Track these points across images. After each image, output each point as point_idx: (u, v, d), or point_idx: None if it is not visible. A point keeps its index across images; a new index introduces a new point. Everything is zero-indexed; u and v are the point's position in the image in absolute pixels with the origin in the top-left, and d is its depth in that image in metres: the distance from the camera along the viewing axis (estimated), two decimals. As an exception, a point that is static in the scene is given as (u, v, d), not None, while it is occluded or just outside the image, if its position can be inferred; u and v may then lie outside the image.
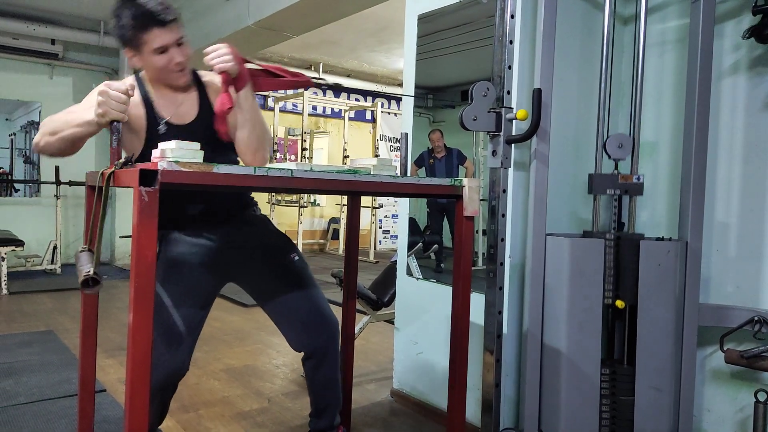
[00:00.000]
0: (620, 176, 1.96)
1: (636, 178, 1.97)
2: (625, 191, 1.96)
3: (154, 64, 1.61)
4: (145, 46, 1.58)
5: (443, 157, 2.65)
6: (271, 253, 1.83)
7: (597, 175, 1.99)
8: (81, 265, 1.31)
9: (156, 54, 1.59)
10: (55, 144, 1.51)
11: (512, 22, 2.00)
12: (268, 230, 1.88)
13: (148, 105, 1.67)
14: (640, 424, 1.91)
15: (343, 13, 4.23)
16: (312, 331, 1.78)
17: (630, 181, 1.96)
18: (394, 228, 9.40)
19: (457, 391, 1.64)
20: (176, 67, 1.63)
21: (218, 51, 1.52)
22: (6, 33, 5.94)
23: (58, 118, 1.53)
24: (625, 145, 1.97)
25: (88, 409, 1.60)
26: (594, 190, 1.98)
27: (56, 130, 1.50)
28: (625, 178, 1.96)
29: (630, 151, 1.99)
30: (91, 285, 1.26)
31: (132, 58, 1.65)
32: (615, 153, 1.97)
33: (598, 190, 1.97)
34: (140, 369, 1.13)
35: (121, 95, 1.34)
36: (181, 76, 1.66)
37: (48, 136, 1.52)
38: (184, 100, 1.72)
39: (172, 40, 1.60)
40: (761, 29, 1.81)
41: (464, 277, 1.62)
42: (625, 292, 1.92)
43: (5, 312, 4.34)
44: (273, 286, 1.80)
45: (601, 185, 1.97)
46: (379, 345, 3.66)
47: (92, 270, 1.27)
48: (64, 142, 1.50)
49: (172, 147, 1.16)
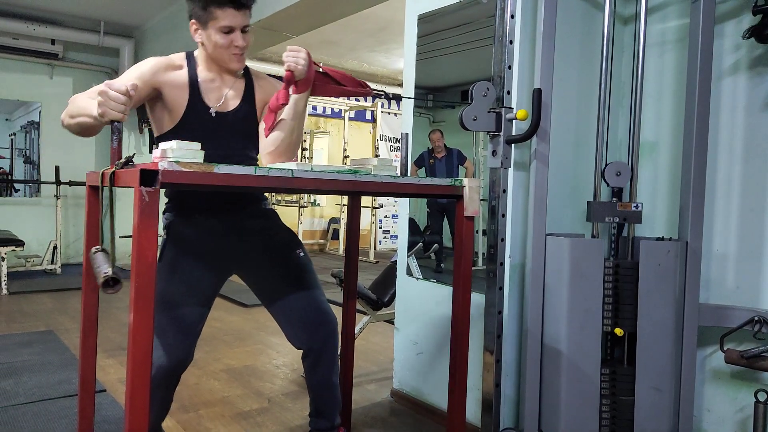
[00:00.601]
0: (619, 204, 1.96)
1: (635, 206, 1.96)
2: (624, 219, 1.96)
3: (216, 41, 1.64)
4: (213, 21, 1.62)
5: (443, 157, 2.65)
6: (276, 247, 1.84)
7: (596, 203, 1.98)
8: (98, 266, 1.30)
9: (221, 32, 1.63)
10: (74, 127, 1.52)
11: (512, 22, 2.00)
12: (276, 224, 1.89)
13: (193, 87, 1.69)
14: (640, 424, 1.91)
15: (343, 13, 4.23)
16: (310, 328, 1.78)
17: (629, 210, 1.96)
18: (394, 228, 9.40)
19: (457, 391, 1.64)
20: (236, 50, 1.66)
21: (297, 51, 1.55)
22: (6, 33, 5.93)
23: (78, 102, 1.52)
24: (623, 173, 1.97)
25: (88, 409, 1.60)
26: (593, 218, 1.98)
27: (74, 114, 1.50)
28: (624, 206, 1.96)
29: (628, 179, 1.99)
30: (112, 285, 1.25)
31: (195, 32, 1.68)
32: (613, 181, 1.97)
33: (597, 219, 1.97)
34: (140, 369, 1.13)
35: (120, 96, 1.32)
36: (237, 60, 1.69)
37: (69, 118, 1.53)
38: (231, 89, 1.74)
39: (240, 23, 1.64)
40: (761, 29, 1.81)
41: (464, 277, 1.62)
42: (624, 321, 1.92)
43: (5, 312, 4.34)
44: (276, 280, 1.81)
45: (600, 213, 1.96)
46: (379, 345, 3.66)
47: (111, 270, 1.27)
48: (80, 127, 1.51)
49: (172, 147, 1.16)
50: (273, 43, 5.10)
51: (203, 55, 1.73)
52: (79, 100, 1.52)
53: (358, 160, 1.61)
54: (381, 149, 8.82)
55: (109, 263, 1.30)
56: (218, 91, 1.73)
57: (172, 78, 1.68)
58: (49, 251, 6.13)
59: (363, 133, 9.64)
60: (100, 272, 1.27)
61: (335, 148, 9.04)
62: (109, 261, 1.31)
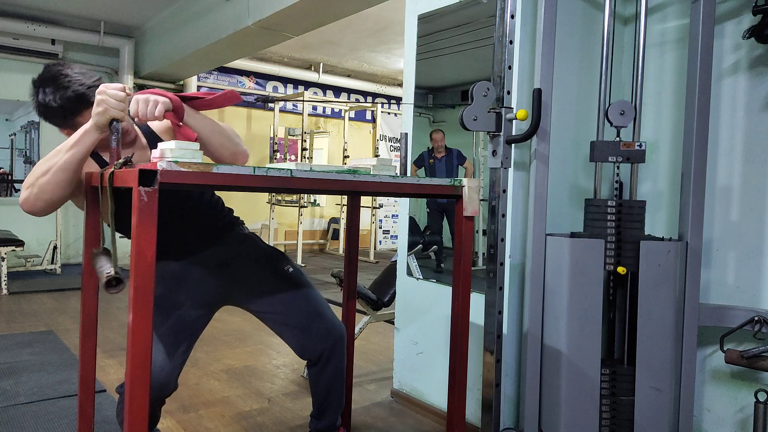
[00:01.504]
0: (622, 143, 1.94)
1: (638, 145, 1.95)
2: (627, 158, 1.94)
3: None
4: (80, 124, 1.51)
5: (443, 157, 2.65)
6: (263, 267, 1.83)
7: (599, 142, 1.96)
8: (101, 266, 1.30)
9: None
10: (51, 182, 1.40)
11: (512, 22, 2.00)
12: (257, 246, 1.88)
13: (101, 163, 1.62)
14: (640, 424, 1.91)
15: (343, 13, 4.23)
16: (315, 338, 1.78)
17: (632, 148, 1.94)
18: (394, 228, 9.40)
19: (457, 391, 1.64)
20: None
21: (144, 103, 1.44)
22: (6, 33, 5.93)
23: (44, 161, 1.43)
24: (627, 112, 1.95)
25: (88, 409, 1.60)
26: (596, 157, 1.96)
27: (48, 168, 1.41)
28: (627, 145, 1.94)
29: (632, 118, 1.97)
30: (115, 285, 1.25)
31: (63, 132, 1.60)
32: (617, 120, 1.95)
33: (600, 158, 1.95)
34: (140, 369, 1.13)
35: (119, 93, 1.36)
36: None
37: (41, 178, 1.41)
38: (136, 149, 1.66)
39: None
40: (761, 29, 1.81)
41: (464, 277, 1.62)
42: (627, 260, 1.91)
43: (5, 312, 4.34)
44: (269, 298, 1.80)
45: (603, 152, 1.94)
46: (379, 345, 3.66)
47: (113, 270, 1.27)
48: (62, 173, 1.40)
49: (171, 147, 1.16)
50: (273, 43, 5.10)
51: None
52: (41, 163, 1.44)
53: (357, 160, 1.61)
54: (381, 149, 8.82)
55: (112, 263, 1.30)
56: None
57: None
58: (49, 251, 6.13)
59: (363, 133, 9.64)
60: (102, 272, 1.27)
61: (335, 148, 9.04)
62: (111, 261, 1.31)
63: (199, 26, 5.32)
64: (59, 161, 1.41)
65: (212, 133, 1.62)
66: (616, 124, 1.96)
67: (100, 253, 1.35)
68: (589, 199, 2.00)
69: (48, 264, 6.09)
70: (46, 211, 1.46)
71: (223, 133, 1.66)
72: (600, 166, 2.01)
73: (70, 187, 1.44)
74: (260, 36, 4.82)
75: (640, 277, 1.89)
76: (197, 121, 1.60)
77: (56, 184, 1.41)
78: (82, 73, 1.55)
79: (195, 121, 1.59)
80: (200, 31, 5.29)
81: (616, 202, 1.93)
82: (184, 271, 1.75)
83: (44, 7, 5.79)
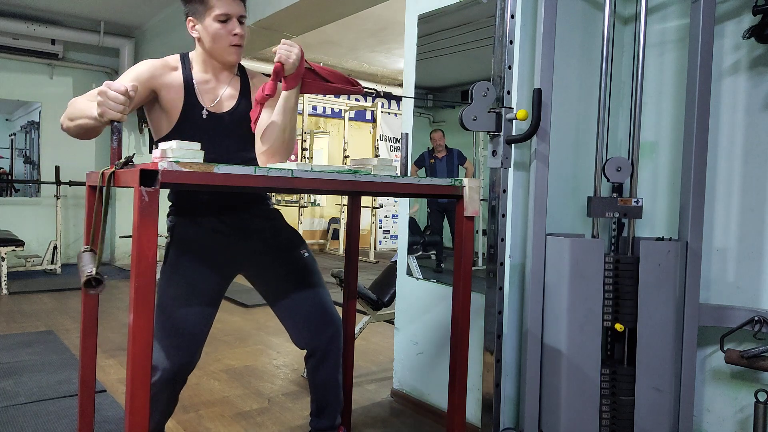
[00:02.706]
0: (619, 200, 1.96)
1: (635, 201, 1.96)
2: (624, 214, 1.96)
3: (214, 31, 1.65)
4: (210, 11, 1.63)
5: (444, 157, 2.65)
6: (281, 247, 1.84)
7: (596, 198, 1.97)
8: (83, 266, 1.30)
9: (217, 21, 1.64)
10: (73, 129, 1.51)
11: (512, 22, 2.00)
12: (280, 224, 1.88)
13: (188, 88, 1.69)
14: (640, 424, 1.91)
15: (343, 13, 4.23)
16: (314, 328, 1.78)
17: (629, 205, 1.95)
18: (394, 228, 9.40)
19: (457, 391, 1.64)
20: (234, 39, 1.67)
21: (290, 45, 1.54)
22: (6, 33, 5.93)
23: (78, 104, 1.52)
24: (624, 169, 1.96)
25: (88, 409, 1.60)
26: (593, 213, 1.97)
27: (74, 117, 1.50)
28: (625, 201, 1.95)
29: (629, 175, 1.98)
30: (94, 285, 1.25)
31: (192, 28, 1.69)
32: (614, 176, 1.97)
33: (597, 213, 1.96)
34: (140, 369, 1.13)
35: (119, 96, 1.32)
36: (235, 51, 1.69)
37: (68, 121, 1.52)
38: (226, 89, 1.74)
39: (236, 12, 1.66)
40: (761, 29, 1.81)
41: (464, 277, 1.62)
42: (624, 316, 1.92)
43: (5, 312, 4.34)
44: (280, 280, 1.81)
45: (600, 208, 1.96)
46: (379, 345, 3.66)
47: (94, 270, 1.26)
48: (81, 129, 1.50)
49: (172, 147, 1.16)
50: (273, 43, 5.10)
51: (199, 56, 1.73)
52: (78, 103, 1.52)
53: (358, 160, 1.61)
54: (381, 149, 8.82)
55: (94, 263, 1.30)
56: (214, 91, 1.73)
57: (167, 80, 1.68)
58: (49, 251, 6.13)
59: (363, 133, 9.64)
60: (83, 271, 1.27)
61: (335, 148, 9.04)
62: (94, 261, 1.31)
63: (199, 26, 5.31)
64: (80, 120, 1.47)
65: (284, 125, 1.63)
66: (612, 181, 1.97)
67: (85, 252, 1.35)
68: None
69: (48, 264, 6.09)
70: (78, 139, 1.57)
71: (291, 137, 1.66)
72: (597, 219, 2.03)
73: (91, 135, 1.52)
74: (260, 36, 4.82)
75: (641, 276, 1.89)
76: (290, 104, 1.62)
77: (77, 133, 1.51)
78: None
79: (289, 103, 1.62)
80: (200, 31, 5.28)
81: (613, 257, 1.93)
82: (203, 239, 1.75)
83: (44, 7, 5.79)
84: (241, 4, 1.68)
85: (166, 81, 1.67)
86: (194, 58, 1.74)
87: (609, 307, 1.93)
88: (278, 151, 1.66)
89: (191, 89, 1.69)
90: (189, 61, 1.73)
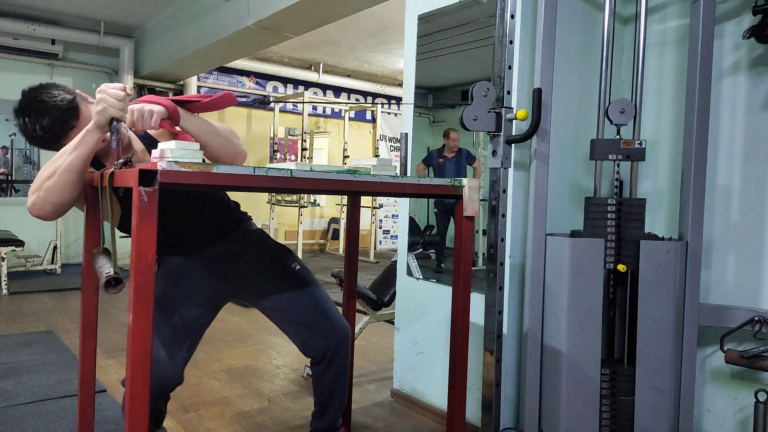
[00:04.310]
0: (622, 141, 1.94)
1: (638, 143, 1.95)
2: (627, 156, 1.94)
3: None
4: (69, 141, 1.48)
5: (453, 157, 2.65)
6: (270, 263, 1.84)
7: (599, 140, 1.96)
8: (100, 266, 1.30)
9: None
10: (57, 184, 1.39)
11: (512, 22, 2.00)
12: (265, 242, 1.89)
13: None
14: (640, 424, 1.91)
15: (343, 13, 4.23)
16: (320, 335, 1.78)
17: (632, 146, 1.94)
18: (394, 228, 9.40)
19: (457, 391, 1.64)
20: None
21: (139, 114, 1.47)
22: (6, 33, 5.93)
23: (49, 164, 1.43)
24: (627, 111, 1.95)
25: (88, 409, 1.60)
26: (596, 155, 1.95)
27: (54, 170, 1.40)
28: (628, 143, 1.94)
29: (632, 117, 1.97)
30: (114, 285, 1.25)
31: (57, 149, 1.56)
32: (617, 118, 1.95)
33: (600, 156, 1.95)
34: (140, 369, 1.13)
35: (119, 92, 1.36)
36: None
37: (47, 182, 1.40)
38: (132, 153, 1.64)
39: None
40: (761, 29, 1.81)
41: (464, 277, 1.62)
42: (627, 259, 1.91)
43: (5, 312, 4.34)
44: (276, 295, 1.80)
45: (603, 150, 1.94)
46: (379, 345, 3.66)
47: (113, 270, 1.27)
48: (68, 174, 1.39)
49: (171, 147, 1.16)
50: (273, 43, 5.10)
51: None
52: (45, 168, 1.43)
53: (357, 160, 1.61)
54: (381, 149, 8.82)
55: (111, 263, 1.30)
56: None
57: None
58: (49, 251, 6.13)
59: (363, 133, 9.64)
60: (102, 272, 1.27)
61: (335, 148, 9.04)
62: (111, 261, 1.31)
63: (199, 26, 5.32)
64: (64, 163, 1.39)
65: (210, 135, 1.62)
66: (616, 122, 1.96)
67: (99, 253, 1.36)
68: (589, 198, 2.00)
69: (48, 264, 6.09)
70: (54, 214, 1.44)
71: (221, 134, 1.65)
72: (600, 164, 2.01)
73: (77, 188, 1.43)
74: (260, 36, 4.82)
75: (640, 276, 1.89)
76: (194, 125, 1.60)
77: (62, 186, 1.40)
78: (57, 95, 1.50)
79: (192, 126, 1.59)
80: (200, 31, 5.28)
81: (616, 200, 1.93)
82: (189, 268, 1.75)
83: (44, 7, 5.79)
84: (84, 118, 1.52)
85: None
86: None
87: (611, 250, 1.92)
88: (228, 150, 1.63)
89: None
90: None
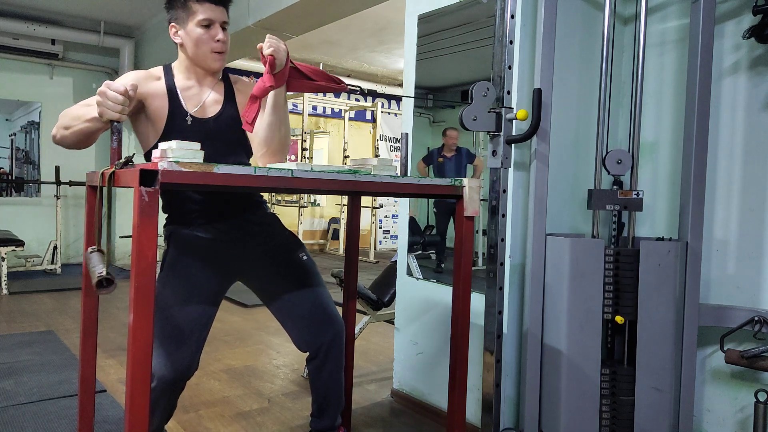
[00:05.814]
0: (620, 192, 1.96)
1: (635, 193, 1.96)
2: (624, 207, 1.96)
3: (197, 36, 1.66)
4: (192, 16, 1.65)
5: (453, 156, 2.65)
6: (278, 250, 1.84)
7: (596, 190, 1.97)
8: (93, 266, 1.30)
9: (200, 27, 1.65)
10: (70, 137, 1.53)
11: (512, 22, 2.00)
12: (277, 228, 1.88)
13: (171, 95, 1.69)
14: (640, 424, 1.91)
15: (343, 13, 4.23)
16: (316, 329, 1.78)
17: (630, 197, 1.95)
18: (394, 228, 9.40)
19: (457, 391, 1.64)
20: (217, 45, 1.67)
21: (277, 40, 1.54)
22: (6, 33, 5.93)
23: (72, 112, 1.53)
24: (624, 161, 1.97)
25: (88, 409, 1.60)
26: (593, 205, 1.97)
27: (69, 125, 1.51)
28: (625, 193, 1.95)
29: (629, 167, 1.98)
30: (106, 285, 1.26)
31: (175, 34, 1.71)
32: (614, 169, 1.97)
33: (598, 206, 1.96)
34: (140, 369, 1.13)
35: (118, 96, 1.33)
36: (217, 58, 1.70)
37: (63, 130, 1.53)
38: (210, 94, 1.74)
39: (219, 17, 1.67)
40: (761, 29, 1.81)
41: (464, 277, 1.62)
42: (625, 304, 1.92)
43: (5, 312, 4.34)
44: (279, 283, 1.80)
45: (601, 201, 1.96)
46: (379, 345, 3.66)
47: (105, 270, 1.27)
48: (78, 136, 1.51)
49: (172, 147, 1.16)
50: (273, 43, 5.10)
51: (181, 63, 1.73)
52: (72, 111, 1.53)
53: (358, 160, 1.61)
54: (381, 149, 8.82)
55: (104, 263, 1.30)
56: (197, 97, 1.72)
57: (152, 89, 1.68)
58: (49, 251, 6.13)
59: (363, 133, 9.64)
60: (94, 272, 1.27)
61: (335, 148, 9.04)
62: (104, 261, 1.31)
63: (199, 26, 5.31)
64: (77, 126, 1.50)
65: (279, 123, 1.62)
66: (613, 173, 1.97)
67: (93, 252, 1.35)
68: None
69: (48, 264, 6.09)
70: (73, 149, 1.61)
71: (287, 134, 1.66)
72: (597, 212, 2.02)
73: (88, 143, 1.55)
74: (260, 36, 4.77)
75: (641, 276, 1.89)
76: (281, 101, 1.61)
77: (74, 141, 1.54)
78: None
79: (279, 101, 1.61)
80: (200, 31, 5.28)
81: (614, 250, 1.93)
82: (200, 247, 1.75)
83: (44, 7, 5.79)
84: (224, 10, 1.69)
85: (151, 90, 1.68)
86: (177, 67, 1.75)
87: (609, 300, 1.92)
88: (278, 151, 1.66)
89: (175, 96, 1.69)
90: (171, 70, 1.74)
